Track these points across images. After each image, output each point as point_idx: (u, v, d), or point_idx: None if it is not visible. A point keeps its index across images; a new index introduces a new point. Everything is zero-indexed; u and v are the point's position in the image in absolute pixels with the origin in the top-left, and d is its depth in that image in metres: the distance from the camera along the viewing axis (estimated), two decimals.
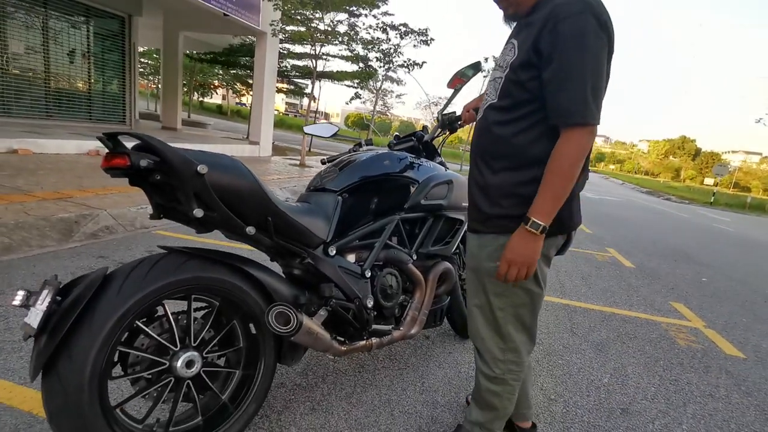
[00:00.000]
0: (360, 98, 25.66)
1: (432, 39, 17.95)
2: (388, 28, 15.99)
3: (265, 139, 11.37)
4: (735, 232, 12.50)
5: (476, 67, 2.11)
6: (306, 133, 2.32)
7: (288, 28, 11.70)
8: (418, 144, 2.19)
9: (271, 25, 9.92)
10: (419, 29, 18.01)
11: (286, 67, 16.68)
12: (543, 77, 1.21)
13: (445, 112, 2.22)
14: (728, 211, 23.74)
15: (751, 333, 3.46)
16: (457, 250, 2.36)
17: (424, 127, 2.38)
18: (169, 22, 11.85)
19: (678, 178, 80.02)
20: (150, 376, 1.32)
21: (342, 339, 1.72)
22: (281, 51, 13.28)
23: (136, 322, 1.26)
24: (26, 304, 1.13)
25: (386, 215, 1.90)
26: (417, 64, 18.71)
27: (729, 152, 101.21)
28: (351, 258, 1.80)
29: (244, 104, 50.65)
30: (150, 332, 1.30)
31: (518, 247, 1.26)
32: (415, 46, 18.62)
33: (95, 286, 1.16)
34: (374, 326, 1.81)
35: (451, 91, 2.21)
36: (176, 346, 1.34)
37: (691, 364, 2.71)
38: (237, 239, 1.51)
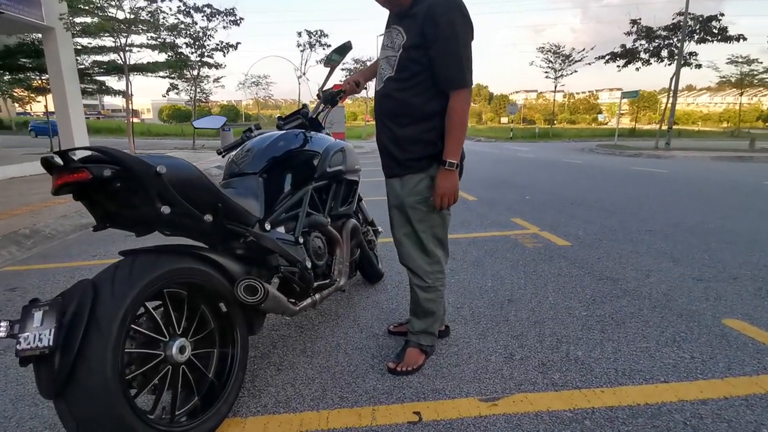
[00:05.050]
0: (176, 89, 23.45)
1: (241, 18, 17.27)
2: (191, 11, 15.00)
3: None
4: (536, 158, 15.39)
5: (346, 48, 2.39)
6: (196, 128, 2.34)
7: (78, 20, 10.13)
8: (305, 120, 2.40)
9: (60, 18, 8.47)
10: (225, 9, 17.16)
11: (84, 63, 14.41)
12: (430, 54, 1.60)
13: (324, 89, 2.47)
14: (525, 142, 29.00)
15: (570, 227, 4.59)
16: (356, 209, 2.68)
17: (304, 105, 2.58)
18: None
19: (481, 122, 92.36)
20: (148, 371, 1.37)
21: (293, 300, 1.93)
22: (76, 47, 11.44)
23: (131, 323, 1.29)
24: (12, 334, 1.11)
25: (300, 187, 2.11)
26: (231, 46, 17.87)
27: (514, 93, 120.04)
28: (282, 229, 1.98)
29: (30, 113, 41.75)
30: (142, 330, 1.35)
31: (444, 183, 1.68)
32: (224, 27, 17.71)
33: (90, 296, 1.18)
34: (315, 283, 2.05)
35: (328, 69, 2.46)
36: (165, 337, 1.41)
37: (541, 258, 3.56)
38: (183, 235, 1.59)
